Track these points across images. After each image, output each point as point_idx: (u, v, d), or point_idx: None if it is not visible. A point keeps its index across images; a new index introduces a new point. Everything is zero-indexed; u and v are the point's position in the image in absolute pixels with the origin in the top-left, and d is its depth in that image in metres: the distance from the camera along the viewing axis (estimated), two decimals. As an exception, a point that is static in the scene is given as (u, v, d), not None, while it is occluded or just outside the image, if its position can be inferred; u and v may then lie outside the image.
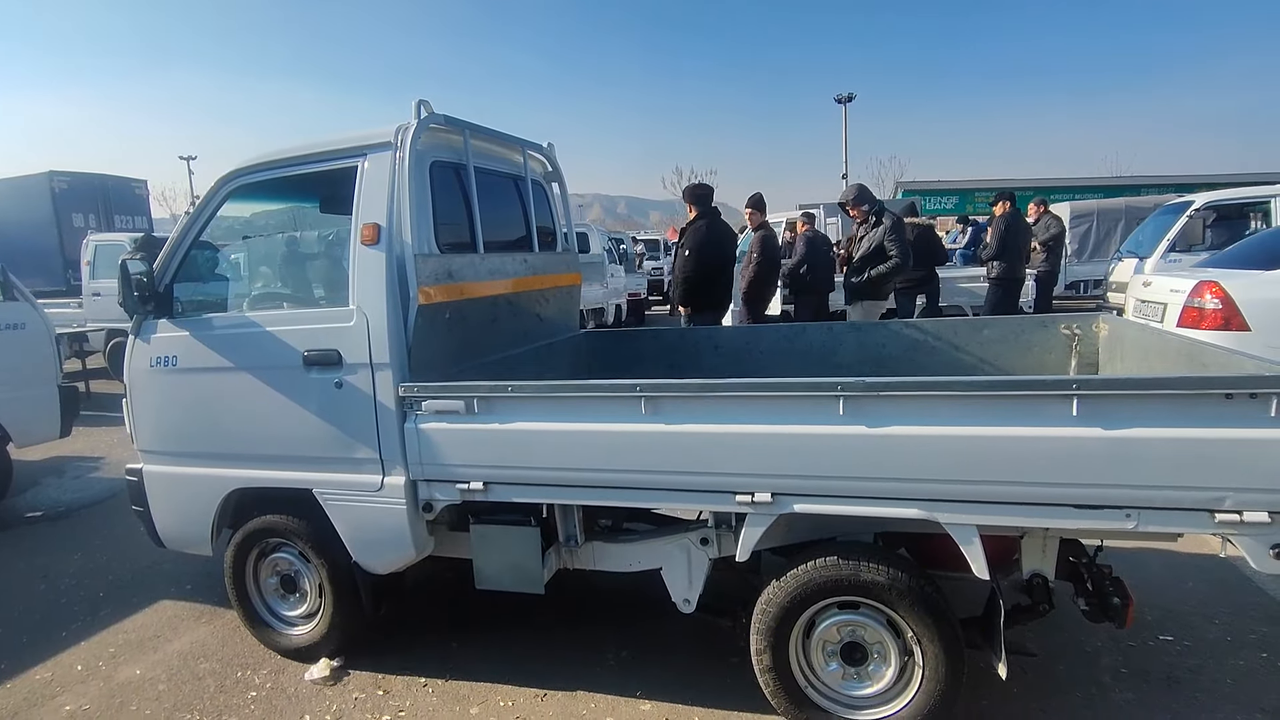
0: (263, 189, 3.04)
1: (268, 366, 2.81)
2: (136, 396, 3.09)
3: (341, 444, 2.72)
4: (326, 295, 2.80)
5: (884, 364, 3.64)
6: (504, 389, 2.46)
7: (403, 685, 2.86)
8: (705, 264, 5.45)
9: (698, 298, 5.53)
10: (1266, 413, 1.81)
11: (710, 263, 5.48)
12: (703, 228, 5.48)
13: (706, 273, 5.48)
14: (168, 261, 3.03)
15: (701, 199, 5.65)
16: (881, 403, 2.09)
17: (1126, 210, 13.92)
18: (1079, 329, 3.37)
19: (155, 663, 3.11)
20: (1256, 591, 3.20)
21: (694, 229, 5.50)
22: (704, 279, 5.48)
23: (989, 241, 7.79)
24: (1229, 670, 2.68)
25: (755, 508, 2.25)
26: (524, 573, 2.73)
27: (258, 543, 3.06)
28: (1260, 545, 1.87)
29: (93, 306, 9.93)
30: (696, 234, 5.47)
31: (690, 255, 5.46)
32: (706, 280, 5.50)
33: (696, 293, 5.51)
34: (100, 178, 14.74)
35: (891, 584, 2.22)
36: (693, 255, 5.44)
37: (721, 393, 2.25)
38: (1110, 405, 1.92)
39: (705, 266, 5.46)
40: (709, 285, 5.54)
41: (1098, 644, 2.87)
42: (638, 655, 2.96)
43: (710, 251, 5.49)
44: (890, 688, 2.33)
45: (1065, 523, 2.03)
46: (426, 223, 2.75)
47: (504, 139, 3.36)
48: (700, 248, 5.44)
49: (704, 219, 5.51)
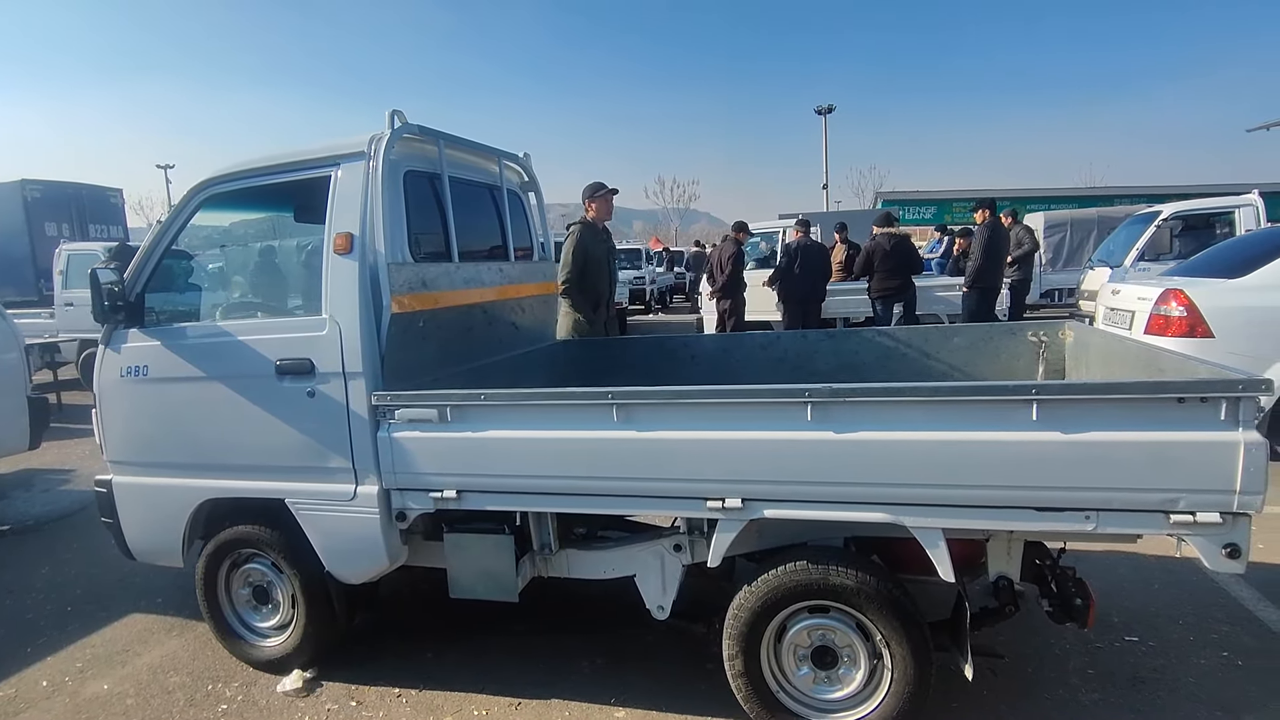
0: (235, 198, 3.03)
1: (240, 376, 2.79)
2: (106, 407, 3.06)
3: (314, 453, 2.71)
4: (299, 304, 2.80)
5: (858, 371, 3.69)
6: (477, 397, 2.47)
7: (376, 696, 2.84)
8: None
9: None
10: (1216, 416, 1.86)
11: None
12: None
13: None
14: (139, 271, 3.01)
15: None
16: (848, 408, 2.13)
17: (1099, 220, 14.21)
18: (1046, 336, 3.44)
19: (124, 677, 3.06)
20: (1219, 592, 3.28)
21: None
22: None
23: (971, 251, 7.91)
24: (1192, 669, 2.74)
25: (726, 513, 2.27)
26: (498, 581, 2.73)
27: (229, 554, 3.03)
28: (1213, 545, 1.92)
29: (65, 317, 9.79)
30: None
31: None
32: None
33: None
34: (74, 186, 14.57)
35: (860, 588, 2.25)
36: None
37: (692, 400, 2.27)
38: (1068, 410, 1.97)
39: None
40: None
41: (1066, 646, 2.92)
42: (612, 662, 2.96)
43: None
44: (860, 691, 2.36)
45: (1028, 525, 2.07)
46: (400, 232, 2.76)
47: (479, 149, 3.38)
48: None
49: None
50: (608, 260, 5.20)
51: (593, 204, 5.05)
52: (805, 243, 8.75)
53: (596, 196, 5.05)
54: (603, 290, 5.11)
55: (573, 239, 4.93)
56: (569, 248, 4.89)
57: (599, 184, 5.10)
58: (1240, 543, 1.90)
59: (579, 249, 4.89)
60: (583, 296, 4.93)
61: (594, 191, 5.07)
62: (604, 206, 5.07)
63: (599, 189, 5.07)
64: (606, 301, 5.18)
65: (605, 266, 5.14)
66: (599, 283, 5.06)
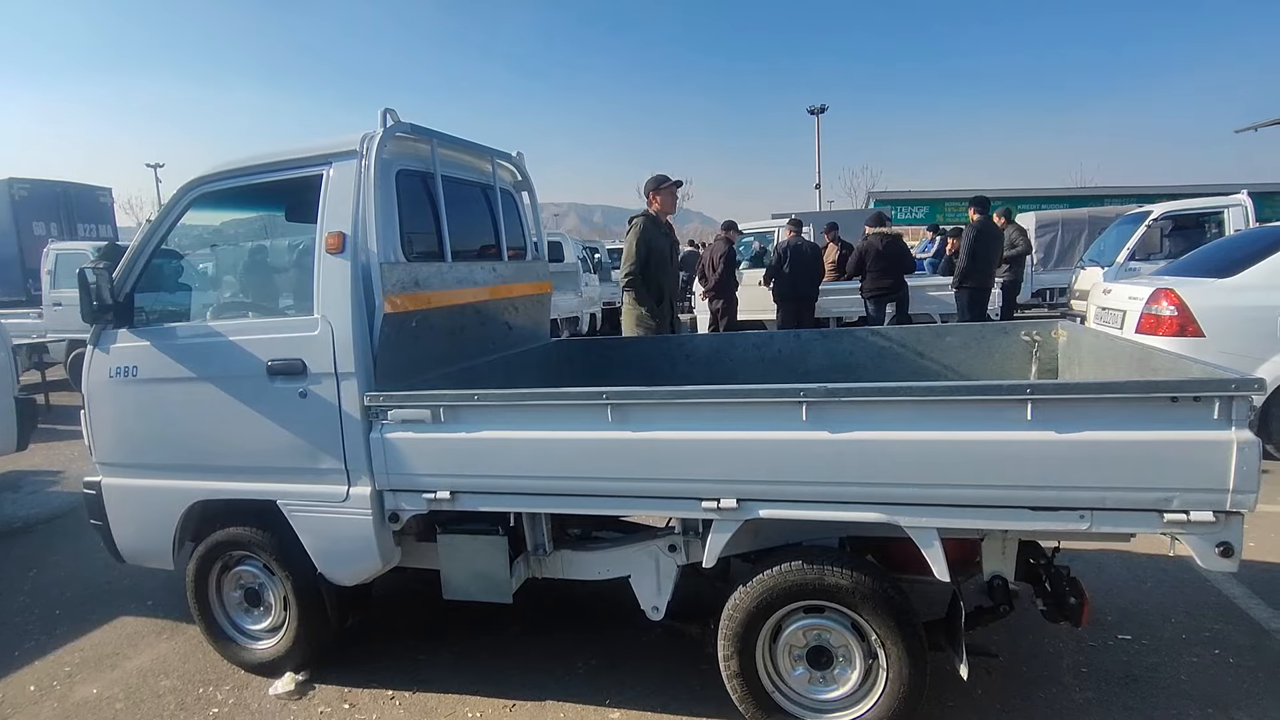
0: (226, 197, 3.00)
1: (231, 376, 2.77)
2: (95, 407, 3.03)
3: (306, 454, 2.69)
4: (291, 304, 2.78)
5: (852, 370, 3.69)
6: (470, 397, 2.46)
7: (369, 698, 2.82)
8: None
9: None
10: (1209, 415, 1.87)
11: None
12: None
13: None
14: (128, 270, 2.98)
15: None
16: (843, 408, 2.12)
17: (1090, 220, 14.28)
18: (1039, 335, 3.46)
19: (113, 681, 3.03)
20: (1211, 590, 3.29)
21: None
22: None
23: (960, 252, 7.95)
24: (1184, 667, 2.75)
25: (721, 514, 2.27)
26: (492, 582, 2.71)
27: (221, 555, 3.00)
28: (1206, 544, 1.92)
29: (53, 317, 9.71)
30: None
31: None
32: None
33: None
34: (62, 185, 14.46)
35: (855, 588, 2.25)
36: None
37: (687, 400, 2.26)
38: (1063, 409, 1.97)
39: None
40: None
41: (1060, 644, 2.93)
42: (607, 664, 2.95)
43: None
44: (855, 691, 2.35)
45: (1022, 524, 2.07)
46: (392, 231, 2.74)
47: (472, 148, 3.36)
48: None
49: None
50: (671, 254, 5.09)
51: (656, 197, 4.92)
52: (797, 242, 8.76)
53: (661, 190, 4.90)
54: (666, 284, 4.99)
55: (635, 232, 4.85)
56: (632, 241, 4.82)
57: (662, 176, 4.95)
58: (1233, 541, 1.90)
59: (642, 242, 4.79)
60: (647, 290, 4.82)
61: (658, 184, 4.93)
62: (668, 199, 4.93)
63: (662, 182, 4.92)
64: (671, 296, 5.07)
65: (669, 260, 5.03)
66: (663, 277, 4.94)
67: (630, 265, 4.77)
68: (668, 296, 5.02)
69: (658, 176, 4.95)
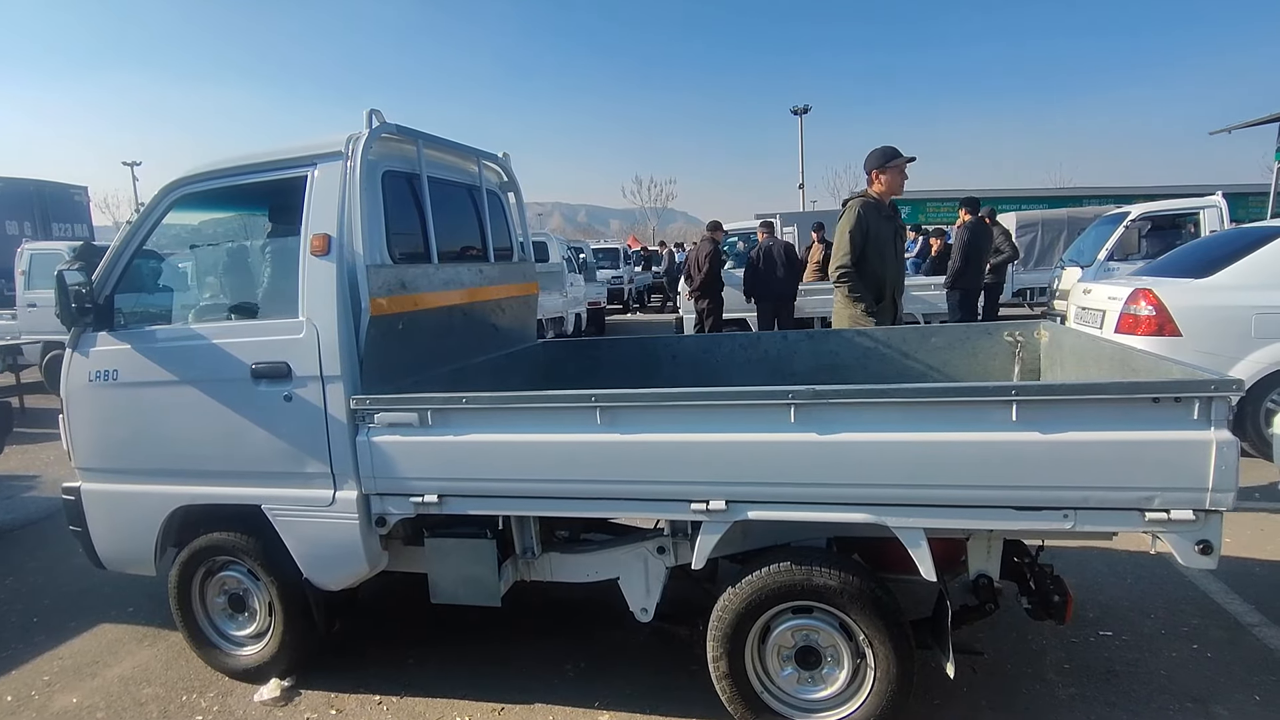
0: (209, 198, 2.97)
1: (214, 379, 2.74)
2: (74, 412, 2.98)
3: (291, 458, 2.66)
4: (275, 306, 2.75)
5: (838, 371, 3.71)
6: (458, 400, 2.45)
7: (356, 704, 2.80)
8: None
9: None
10: (1189, 416, 1.90)
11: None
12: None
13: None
14: (108, 272, 2.93)
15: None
16: (830, 410, 2.14)
17: (1069, 220, 14.48)
18: (1022, 336, 3.50)
19: (93, 689, 2.98)
20: (1189, 586, 3.35)
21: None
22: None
23: (952, 252, 8.03)
24: (1163, 662, 2.80)
25: (710, 515, 2.27)
26: (480, 585, 2.70)
27: (204, 561, 2.96)
28: (1186, 542, 1.96)
29: (28, 318, 9.54)
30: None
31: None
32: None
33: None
34: (36, 183, 14.22)
35: (843, 588, 2.26)
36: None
37: (675, 402, 2.27)
38: (1047, 410, 2.00)
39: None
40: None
41: (1043, 641, 2.97)
42: (596, 666, 2.95)
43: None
44: (844, 690, 2.37)
45: (1007, 524, 2.10)
46: (378, 233, 2.72)
47: (458, 149, 3.34)
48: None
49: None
50: (895, 242, 4.28)
51: (881, 175, 4.13)
52: (769, 243, 8.85)
53: (888, 166, 4.10)
54: (887, 277, 4.20)
55: (851, 216, 4.09)
56: (845, 227, 4.07)
57: (890, 150, 4.12)
58: (1212, 539, 1.94)
59: (858, 228, 4.05)
60: (865, 285, 4.11)
61: (884, 160, 4.11)
62: (895, 179, 4.12)
63: (890, 157, 4.10)
64: (894, 291, 4.29)
65: (892, 249, 4.23)
66: (883, 268, 4.17)
67: (843, 256, 4.05)
68: (889, 292, 4.23)
69: (885, 150, 4.13)
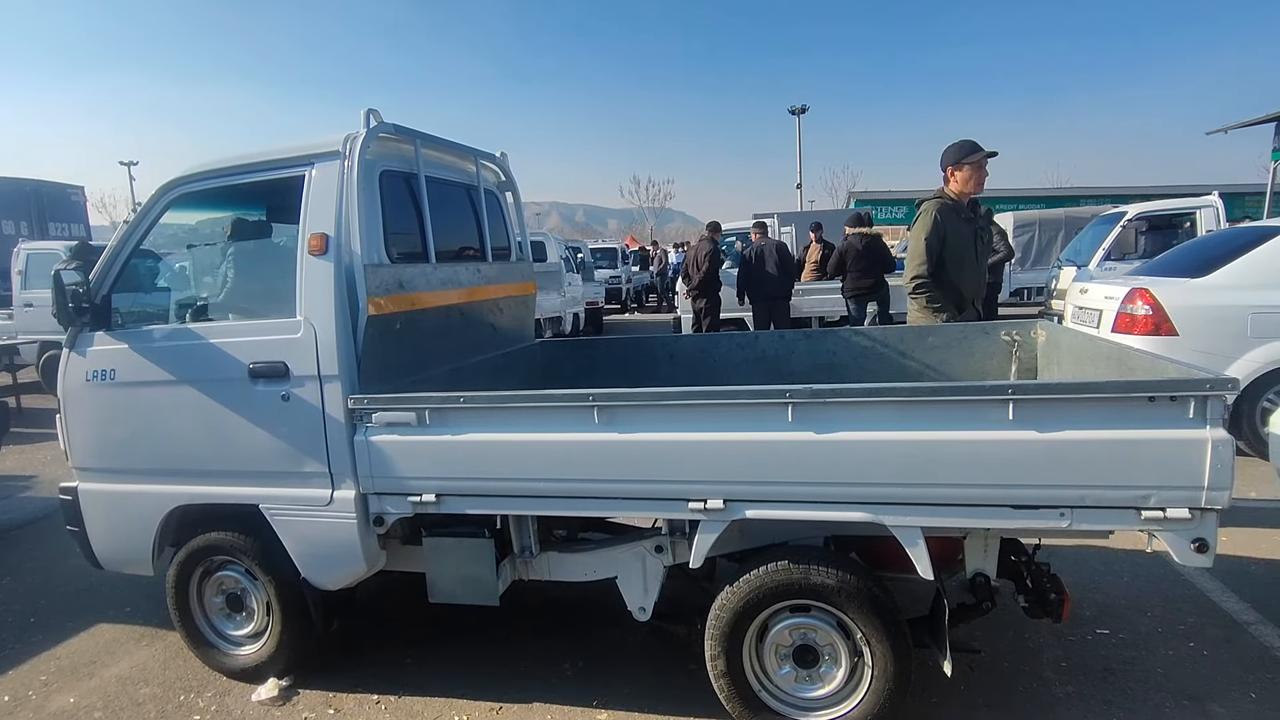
0: (206, 198, 2.97)
1: (212, 379, 2.73)
2: (72, 411, 2.97)
3: (289, 458, 2.66)
4: (273, 306, 2.75)
5: (835, 370, 3.72)
6: (455, 400, 2.45)
7: (354, 704, 2.80)
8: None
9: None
10: (1185, 414, 1.91)
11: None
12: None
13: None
14: (105, 271, 2.93)
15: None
16: (828, 409, 2.14)
17: (1066, 220, 14.51)
18: (1019, 335, 3.50)
19: (91, 689, 2.98)
20: (1186, 584, 3.36)
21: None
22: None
23: None
24: (1160, 660, 2.80)
25: (708, 514, 2.28)
26: (478, 585, 2.70)
27: (202, 561, 2.96)
28: (1182, 540, 1.96)
29: (24, 318, 9.50)
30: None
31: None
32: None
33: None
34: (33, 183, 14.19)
35: (841, 586, 2.27)
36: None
37: (673, 401, 2.27)
38: (1043, 409, 2.01)
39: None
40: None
41: (1040, 640, 2.97)
42: (594, 665, 2.95)
43: None
44: (841, 688, 2.37)
45: (1004, 523, 2.11)
46: (376, 233, 2.72)
47: (456, 148, 3.34)
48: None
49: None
50: (976, 244, 3.82)
51: (957, 172, 3.68)
52: (761, 243, 8.89)
53: (964, 162, 3.64)
54: (966, 284, 3.77)
55: (926, 221, 3.66)
56: (920, 233, 3.66)
57: (968, 144, 3.66)
58: (1208, 537, 1.95)
59: (935, 234, 3.62)
60: (943, 294, 3.69)
61: (961, 155, 3.65)
62: (974, 175, 3.66)
63: (969, 152, 3.63)
64: (975, 299, 3.87)
65: (972, 253, 3.79)
66: (961, 275, 3.73)
67: (919, 265, 3.62)
68: (969, 299, 3.81)
69: (961, 144, 3.67)
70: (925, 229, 3.67)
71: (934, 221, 3.66)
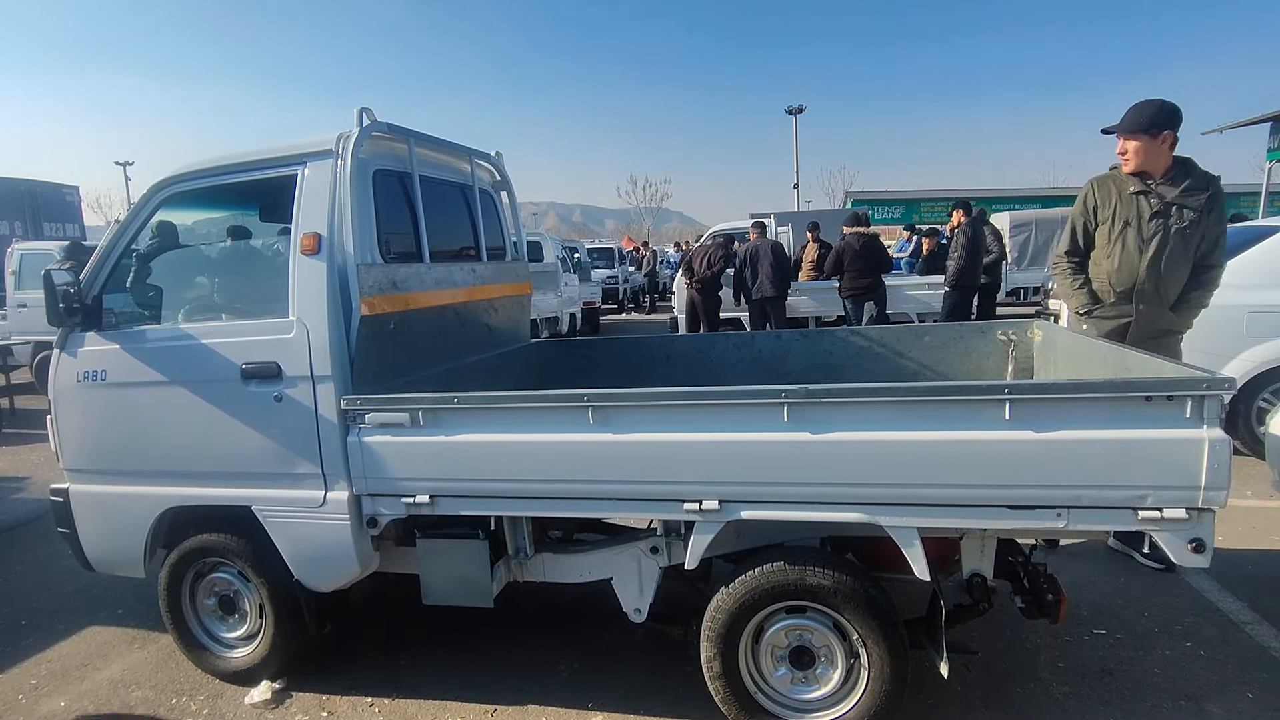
0: (198, 197, 2.94)
1: (204, 380, 2.71)
2: (63, 412, 2.95)
3: (282, 459, 2.64)
4: (265, 306, 2.73)
5: (831, 370, 3.71)
6: (449, 400, 2.43)
7: (348, 706, 2.78)
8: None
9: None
10: (1182, 414, 1.90)
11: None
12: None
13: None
14: (96, 271, 2.91)
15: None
16: (823, 409, 2.13)
17: (1062, 220, 14.48)
18: (1015, 335, 3.50)
19: (82, 693, 2.95)
20: (1181, 584, 3.36)
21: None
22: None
23: (955, 252, 8.06)
24: (1157, 660, 2.80)
25: (703, 515, 2.26)
26: (473, 586, 2.69)
27: (194, 563, 2.94)
28: (1179, 540, 1.95)
29: (17, 318, 9.45)
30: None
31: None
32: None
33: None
34: (27, 183, 14.14)
35: (837, 587, 2.26)
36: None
37: (668, 402, 2.26)
38: (1040, 409, 1.99)
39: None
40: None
41: (1037, 640, 2.97)
42: (590, 667, 2.94)
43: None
44: (837, 690, 2.36)
45: (1001, 523, 2.09)
46: (369, 232, 2.70)
47: (450, 148, 3.33)
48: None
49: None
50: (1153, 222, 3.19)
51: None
52: (757, 243, 8.89)
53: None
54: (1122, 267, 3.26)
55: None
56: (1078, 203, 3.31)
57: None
58: (1205, 538, 1.94)
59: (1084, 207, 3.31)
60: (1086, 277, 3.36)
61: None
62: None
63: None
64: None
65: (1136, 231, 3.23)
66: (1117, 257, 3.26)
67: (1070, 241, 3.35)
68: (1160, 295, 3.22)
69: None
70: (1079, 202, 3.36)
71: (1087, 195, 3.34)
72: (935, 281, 9.55)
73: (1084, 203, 3.33)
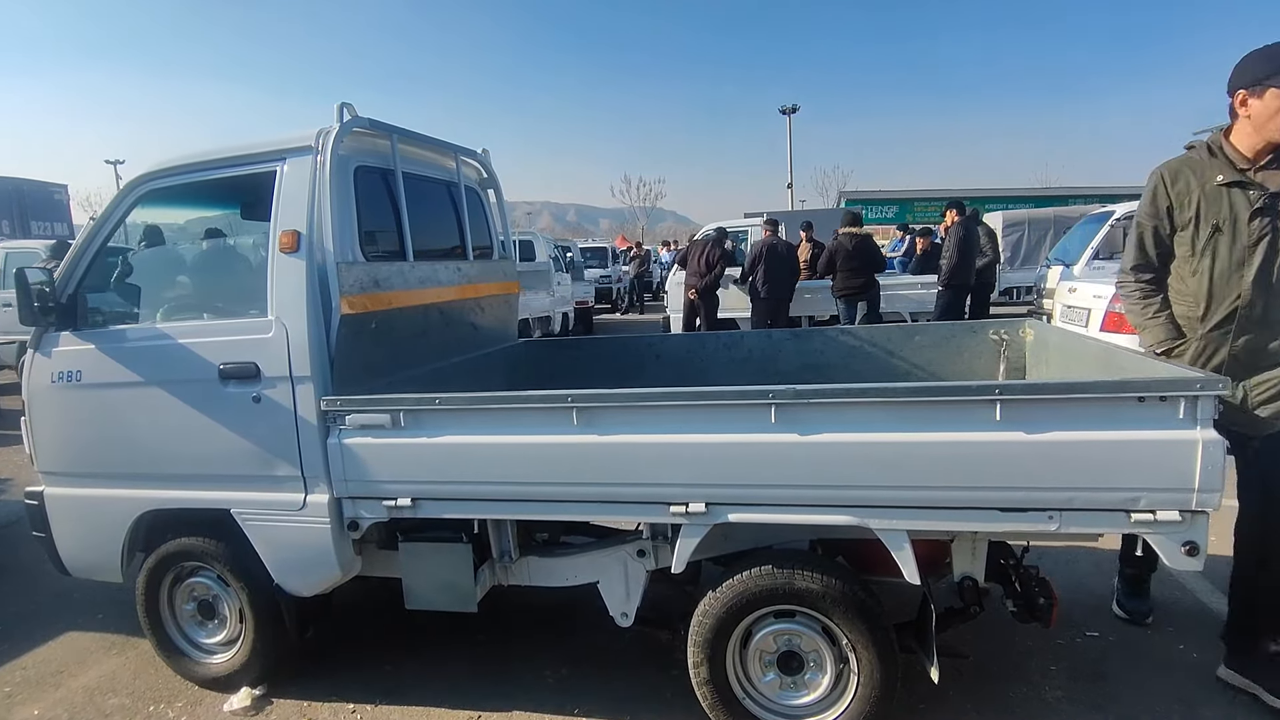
0: (175, 194, 2.88)
1: (181, 380, 2.66)
2: (37, 414, 2.89)
3: (260, 461, 2.59)
4: (243, 305, 2.68)
5: (822, 370, 3.67)
6: (431, 401, 2.38)
7: (330, 713, 2.73)
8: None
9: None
10: (1175, 415, 1.86)
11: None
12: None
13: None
14: (70, 270, 2.85)
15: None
16: (812, 410, 2.09)
17: (1055, 220, 14.59)
18: (1007, 334, 3.47)
19: (57, 701, 2.89)
20: (1175, 586, 3.33)
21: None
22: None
23: (947, 251, 8.06)
24: (1150, 663, 2.77)
25: (689, 518, 2.22)
26: (456, 591, 2.64)
27: (172, 567, 2.88)
28: (1172, 543, 1.92)
29: (2, 318, 9.36)
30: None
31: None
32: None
33: None
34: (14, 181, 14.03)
35: (825, 591, 2.22)
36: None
37: (653, 403, 2.21)
38: (1031, 410, 1.96)
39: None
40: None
41: (1029, 643, 2.93)
42: (576, 671, 2.89)
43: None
44: (826, 695, 2.33)
45: (992, 525, 2.06)
46: (350, 229, 2.65)
47: (435, 144, 3.27)
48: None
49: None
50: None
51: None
52: (772, 241, 8.81)
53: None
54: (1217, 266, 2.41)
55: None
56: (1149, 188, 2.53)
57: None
58: (1199, 540, 1.90)
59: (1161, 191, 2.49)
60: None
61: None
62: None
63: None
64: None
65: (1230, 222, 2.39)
66: (1215, 250, 2.40)
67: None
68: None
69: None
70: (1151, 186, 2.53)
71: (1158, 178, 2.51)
72: (929, 281, 9.54)
73: (1153, 201, 2.49)
